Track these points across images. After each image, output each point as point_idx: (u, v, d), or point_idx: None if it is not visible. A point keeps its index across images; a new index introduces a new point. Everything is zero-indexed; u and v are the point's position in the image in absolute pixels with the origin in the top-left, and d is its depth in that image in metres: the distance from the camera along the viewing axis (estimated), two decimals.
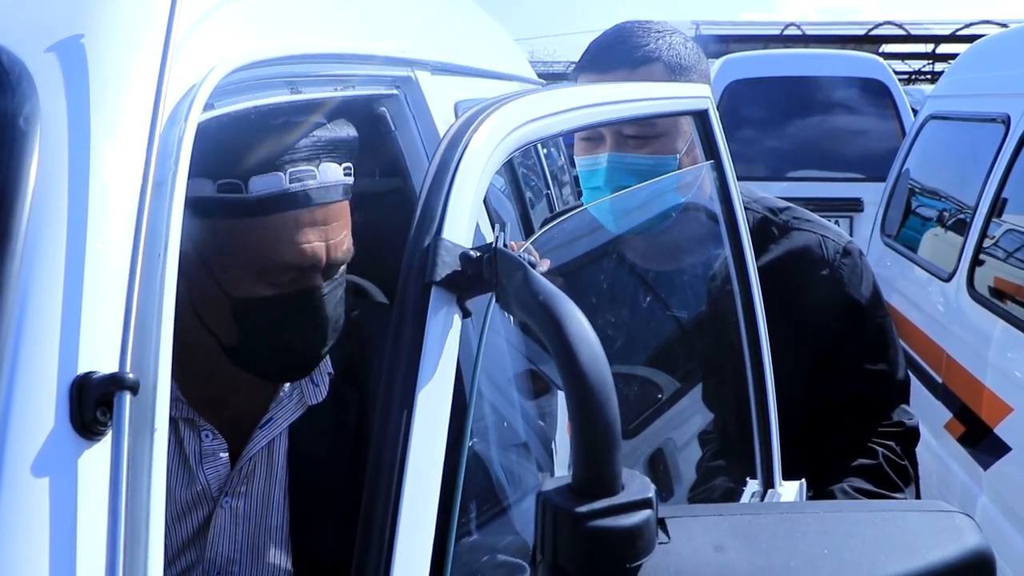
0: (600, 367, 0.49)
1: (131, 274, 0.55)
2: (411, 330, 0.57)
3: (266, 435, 1.20)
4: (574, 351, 0.49)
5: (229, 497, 1.19)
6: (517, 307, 0.57)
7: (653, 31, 1.51)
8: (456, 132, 0.67)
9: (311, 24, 1.02)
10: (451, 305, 0.61)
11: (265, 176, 1.06)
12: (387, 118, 1.36)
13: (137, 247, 0.56)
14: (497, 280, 0.60)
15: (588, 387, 0.48)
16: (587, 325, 0.52)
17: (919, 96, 10.03)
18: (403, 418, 0.55)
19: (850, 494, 1.48)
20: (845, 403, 1.57)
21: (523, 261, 0.58)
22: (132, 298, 0.54)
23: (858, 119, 6.55)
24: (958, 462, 3.15)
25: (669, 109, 1.25)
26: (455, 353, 0.60)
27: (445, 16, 1.96)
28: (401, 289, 0.61)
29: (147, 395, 0.54)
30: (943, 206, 3.84)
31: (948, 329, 3.36)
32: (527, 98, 0.77)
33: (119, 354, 0.53)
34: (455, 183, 0.62)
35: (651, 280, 1.49)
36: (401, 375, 0.57)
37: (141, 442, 0.53)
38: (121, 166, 0.59)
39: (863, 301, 1.59)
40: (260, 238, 1.08)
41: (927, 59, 21.70)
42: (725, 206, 1.35)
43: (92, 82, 0.60)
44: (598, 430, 0.48)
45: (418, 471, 0.55)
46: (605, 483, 0.48)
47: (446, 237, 0.62)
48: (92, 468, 0.51)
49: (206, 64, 0.68)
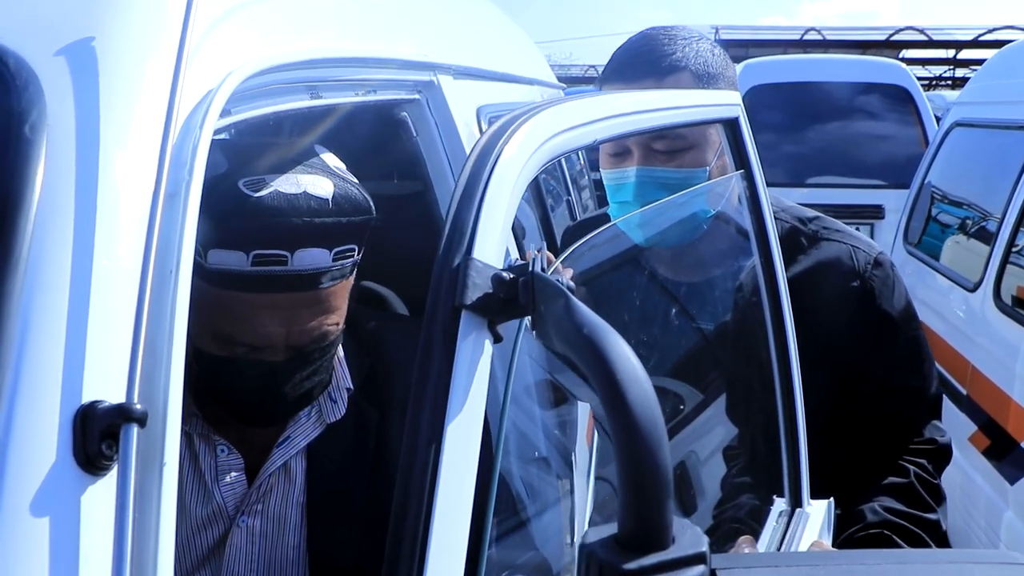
0: (651, 409, 0.45)
1: (140, 293, 0.51)
2: (440, 358, 0.54)
3: (283, 454, 1.18)
4: (623, 392, 0.45)
5: (245, 516, 1.17)
6: (558, 338, 0.53)
7: (679, 38, 1.47)
8: (486, 143, 0.63)
9: (332, 27, 0.98)
10: (482, 330, 0.58)
11: (225, 252, 0.97)
12: (408, 123, 1.33)
13: (147, 264, 0.52)
14: (534, 307, 0.56)
15: (638, 431, 0.44)
16: (637, 362, 0.48)
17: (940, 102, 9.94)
18: (431, 453, 0.51)
19: (880, 514, 1.43)
20: (876, 419, 1.53)
21: (564, 288, 0.54)
22: (141, 320, 0.50)
23: (880, 125, 6.47)
24: (983, 476, 3.09)
25: (700, 117, 1.22)
26: (486, 382, 0.56)
27: (466, 19, 1.93)
28: (429, 312, 0.57)
29: (156, 427, 0.50)
30: (968, 214, 3.77)
31: (973, 340, 3.30)
32: (559, 107, 0.73)
33: (126, 382, 0.49)
34: (486, 198, 0.59)
35: (680, 293, 1.45)
36: (429, 406, 0.53)
37: (149, 478, 0.49)
38: (132, 176, 0.55)
39: (895, 313, 1.55)
40: (214, 306, 1.01)
41: (948, 64, 21.53)
42: (755, 216, 1.31)
43: (102, 87, 0.57)
44: (648, 478, 0.44)
45: (447, 511, 0.51)
46: (655, 536, 0.44)
47: (477, 257, 0.58)
48: (96, 506, 0.47)
49: (223, 68, 0.65)
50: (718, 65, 1.48)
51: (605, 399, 0.47)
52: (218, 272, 0.99)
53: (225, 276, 0.99)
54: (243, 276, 0.99)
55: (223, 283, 0.99)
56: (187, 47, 0.59)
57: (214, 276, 0.99)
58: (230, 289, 1.00)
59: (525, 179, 0.64)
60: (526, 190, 2.36)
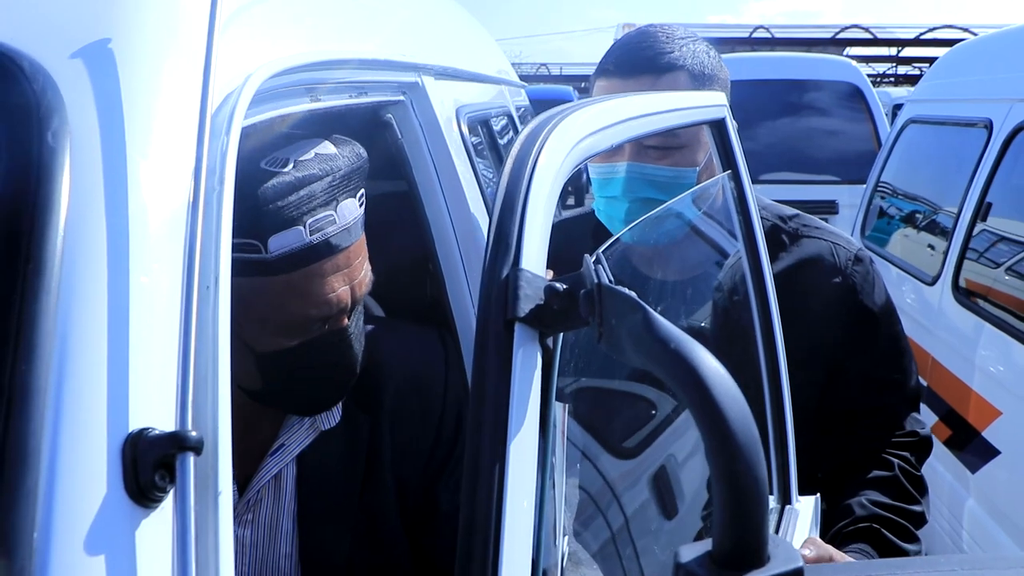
0: (748, 424, 0.44)
1: (186, 312, 0.48)
2: (496, 374, 0.51)
3: (276, 463, 1.15)
4: (720, 408, 0.44)
5: (236, 526, 1.14)
6: (636, 352, 0.51)
7: (677, 37, 1.48)
8: (521, 151, 0.61)
9: (330, 28, 0.96)
10: (533, 342, 0.56)
11: (284, 233, 0.98)
12: (394, 125, 1.31)
13: (191, 280, 0.49)
14: (602, 320, 0.54)
15: (737, 447, 0.43)
16: (729, 377, 0.47)
17: (885, 98, 10.16)
18: (495, 473, 0.49)
19: (868, 507, 1.45)
20: (859, 413, 1.54)
21: (639, 301, 0.53)
22: (189, 340, 0.47)
23: (832, 122, 6.59)
24: (945, 465, 3.16)
25: (689, 119, 1.22)
26: (539, 396, 0.54)
27: (443, 19, 1.91)
28: (481, 326, 0.54)
29: (208, 454, 0.47)
30: (925, 209, 3.85)
31: (933, 332, 3.37)
32: (579, 113, 0.71)
33: (177, 407, 0.46)
34: (528, 207, 0.57)
35: (667, 292, 1.45)
36: (489, 424, 0.51)
37: (204, 508, 0.45)
38: (162, 186, 0.52)
39: (876, 309, 1.57)
40: (283, 295, 1.01)
41: (891, 62, 22.03)
42: (743, 217, 1.32)
43: (124, 91, 0.53)
44: (747, 494, 0.43)
45: (515, 529, 0.49)
46: (752, 553, 0.43)
47: (525, 267, 0.56)
48: (152, 540, 0.44)
49: (238, 71, 0.62)
50: (713, 66, 1.48)
51: (701, 415, 0.45)
52: (286, 256, 0.99)
53: (293, 257, 0.99)
54: (307, 249, 0.99)
55: (292, 264, 0.99)
56: (215, 48, 0.56)
57: (282, 263, 0.99)
58: (300, 267, 1.00)
59: (559, 185, 0.62)
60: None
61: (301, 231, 0.99)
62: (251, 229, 0.96)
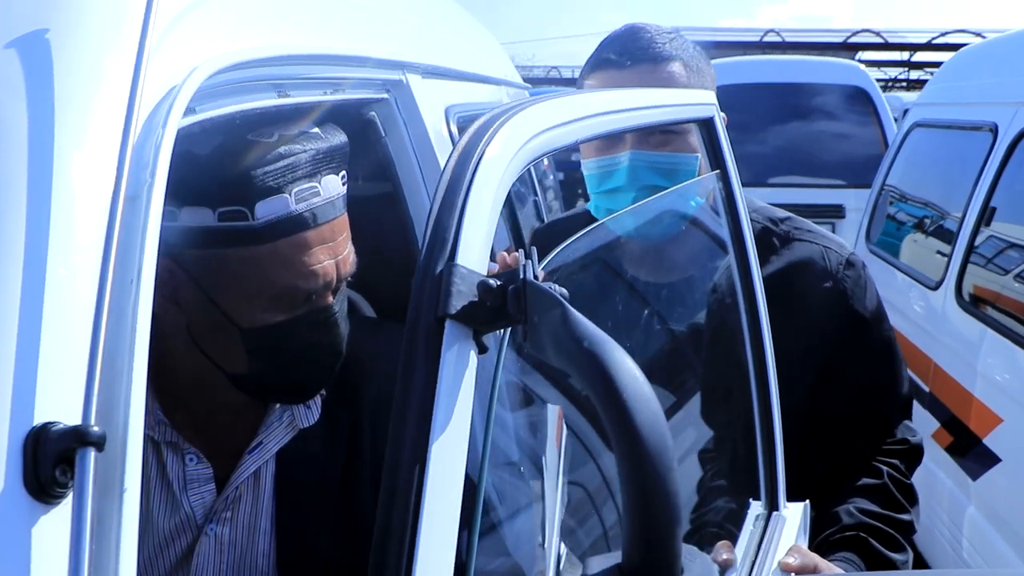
0: (660, 430, 0.42)
1: (98, 305, 0.47)
2: (424, 371, 0.50)
3: (255, 461, 1.14)
4: (630, 412, 0.42)
5: (214, 524, 1.14)
6: (554, 352, 0.49)
7: (664, 31, 1.50)
8: (468, 143, 0.59)
9: (299, 24, 0.95)
10: (467, 340, 0.54)
11: (271, 199, 0.99)
12: (376, 123, 1.30)
13: (106, 273, 0.47)
14: (526, 317, 0.52)
15: (646, 454, 0.41)
16: (644, 380, 0.44)
17: (896, 103, 10.11)
18: (415, 472, 0.48)
19: (855, 516, 1.43)
20: (849, 419, 1.52)
21: (560, 297, 0.51)
22: (99, 334, 0.46)
23: (840, 126, 6.56)
24: (945, 472, 3.13)
25: (676, 116, 1.20)
26: (471, 396, 0.52)
27: (434, 18, 1.90)
28: (411, 323, 0.53)
29: (115, 450, 0.45)
30: (929, 214, 3.82)
31: (935, 338, 3.34)
32: (540, 105, 0.69)
33: (83, 402, 0.45)
34: (469, 201, 0.55)
35: (654, 294, 1.43)
36: (413, 423, 0.49)
37: (108, 505, 0.44)
38: (89, 179, 0.51)
39: (867, 314, 1.54)
40: (269, 265, 1.02)
41: (903, 67, 21.93)
42: (731, 218, 1.30)
43: (58, 82, 0.52)
44: (657, 506, 0.41)
45: (433, 534, 0.47)
46: (663, 567, 0.41)
47: (461, 263, 0.54)
48: (49, 537, 0.43)
49: (186, 65, 0.61)
50: (701, 62, 1.50)
51: (610, 420, 0.43)
52: (272, 224, 1.00)
53: (279, 224, 1.00)
54: (292, 218, 1.01)
55: (278, 232, 1.01)
56: (148, 41, 0.55)
57: (268, 230, 1.00)
58: (284, 236, 1.01)
59: (508, 180, 0.60)
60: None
61: (287, 199, 1.00)
62: (238, 196, 0.98)
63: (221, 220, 0.99)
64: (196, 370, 1.11)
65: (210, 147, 0.98)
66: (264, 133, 1.01)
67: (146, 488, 1.13)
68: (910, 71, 22.23)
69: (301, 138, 1.03)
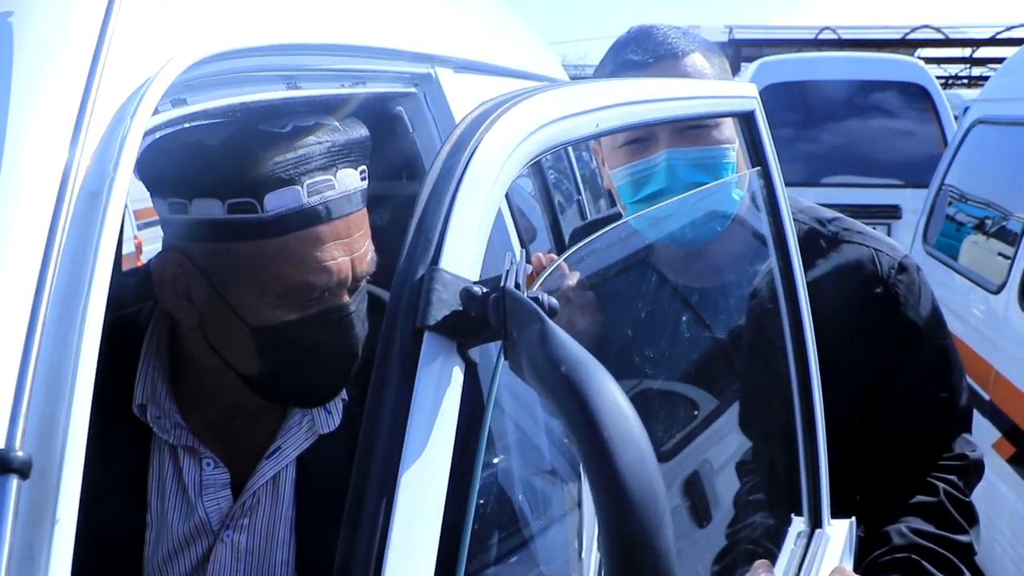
0: (648, 476, 0.33)
1: (34, 313, 0.42)
2: (395, 390, 0.43)
3: (273, 466, 1.11)
4: (611, 453, 0.34)
5: (230, 530, 1.11)
6: (531, 374, 0.42)
7: (669, 27, 1.46)
8: (462, 135, 0.53)
9: (312, 11, 0.90)
10: (449, 355, 0.47)
11: (281, 191, 0.95)
12: (404, 118, 1.26)
13: (45, 276, 0.42)
14: (506, 331, 0.45)
15: (630, 506, 0.33)
16: (631, 413, 0.36)
17: (957, 101, 9.81)
18: (380, 509, 0.41)
19: (907, 536, 1.34)
20: (901, 433, 1.43)
21: (539, 311, 0.43)
22: (31, 349, 0.41)
23: (897, 124, 6.39)
24: (1007, 484, 2.99)
25: (712, 109, 1.13)
26: (453, 419, 0.46)
27: (471, 11, 1.85)
28: (385, 334, 0.47)
29: (49, 477, 0.41)
30: (990, 214, 3.68)
31: (996, 343, 3.21)
32: (550, 93, 0.62)
33: (7, 423, 0.40)
34: (458, 198, 0.49)
35: (694, 298, 1.37)
36: (381, 450, 0.43)
37: (36, 538, 0.39)
38: (43, 173, 0.46)
39: (921, 322, 1.45)
40: (280, 260, 0.98)
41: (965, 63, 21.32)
42: (773, 218, 1.22)
43: (16, 68, 0.48)
44: (640, 564, 0.33)
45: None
46: None
47: (444, 267, 0.48)
48: None
49: (169, 52, 0.57)
50: (718, 52, 1.46)
51: (586, 461, 0.35)
52: (283, 216, 0.96)
53: (290, 217, 0.97)
54: (305, 211, 0.97)
55: (288, 226, 0.97)
56: (111, 23, 0.50)
57: (279, 223, 0.97)
58: (296, 230, 0.98)
59: (507, 177, 0.54)
60: (533, 189, 2.28)
61: (298, 191, 0.96)
62: (248, 187, 0.94)
63: (230, 212, 0.95)
64: (212, 371, 1.08)
65: (221, 137, 0.94)
66: (277, 124, 0.97)
67: (161, 492, 1.10)
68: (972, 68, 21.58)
69: (317, 130, 0.99)
